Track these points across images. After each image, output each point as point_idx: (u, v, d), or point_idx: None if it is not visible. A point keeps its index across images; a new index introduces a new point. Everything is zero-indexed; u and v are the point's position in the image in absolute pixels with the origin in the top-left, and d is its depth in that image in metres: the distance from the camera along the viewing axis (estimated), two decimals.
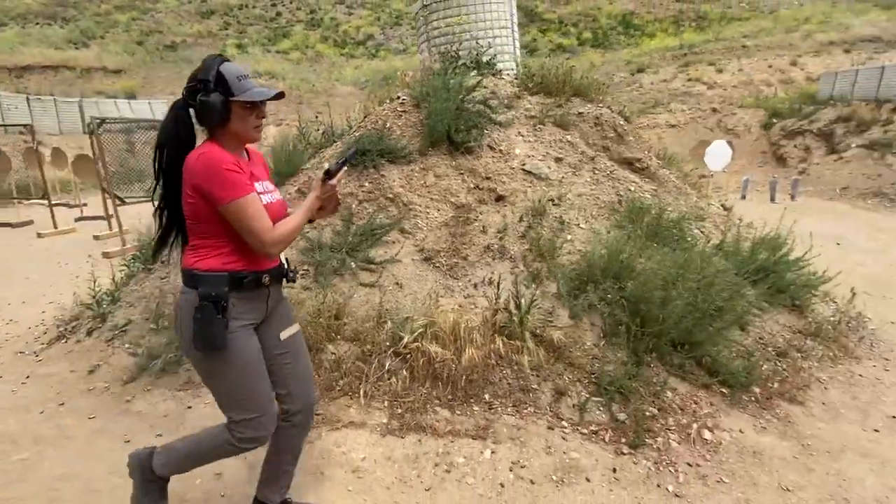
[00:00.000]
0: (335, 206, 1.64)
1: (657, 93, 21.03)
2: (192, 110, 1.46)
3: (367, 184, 3.84)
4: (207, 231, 1.48)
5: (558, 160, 3.91)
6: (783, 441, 2.27)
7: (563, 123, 4.21)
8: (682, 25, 34.79)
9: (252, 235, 1.44)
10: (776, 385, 2.62)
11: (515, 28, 5.87)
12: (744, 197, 11.70)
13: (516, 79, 4.93)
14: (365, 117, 4.58)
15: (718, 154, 9.39)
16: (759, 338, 2.94)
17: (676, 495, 1.97)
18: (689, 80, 21.38)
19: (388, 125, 4.19)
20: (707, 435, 2.27)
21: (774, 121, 15.98)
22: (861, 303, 4.02)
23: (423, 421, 2.40)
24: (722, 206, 4.63)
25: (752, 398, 2.52)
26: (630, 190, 3.72)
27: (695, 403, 2.44)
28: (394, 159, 3.94)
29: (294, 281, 1.69)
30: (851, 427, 2.40)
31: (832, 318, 3.31)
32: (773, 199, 11.16)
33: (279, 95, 1.47)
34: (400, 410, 2.46)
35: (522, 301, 2.70)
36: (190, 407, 2.67)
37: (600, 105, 4.41)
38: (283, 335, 1.65)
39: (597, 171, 3.85)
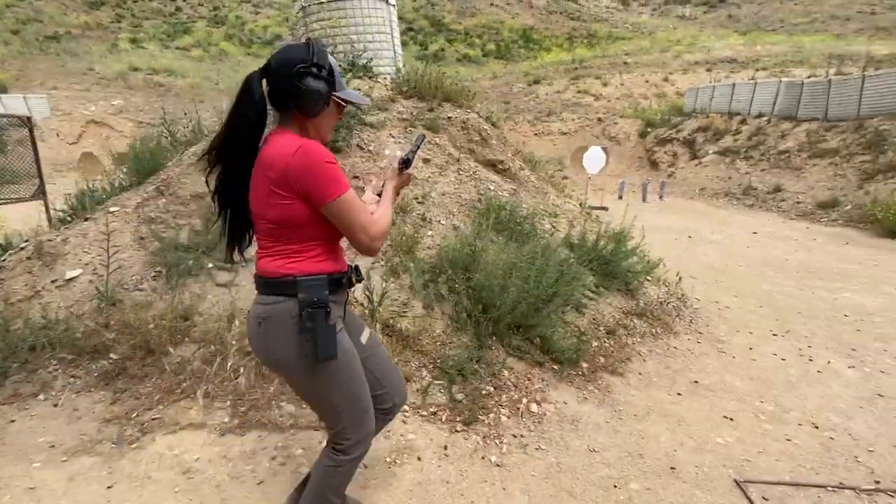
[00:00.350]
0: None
1: (551, 103, 22.46)
2: (271, 90, 1.29)
3: None
4: (296, 235, 1.32)
5: (426, 161, 4.07)
6: (599, 409, 2.57)
7: (433, 126, 4.39)
8: (574, 42, 37.52)
9: (359, 230, 1.31)
10: (602, 360, 2.95)
11: (396, 34, 5.99)
12: (620, 197, 12.87)
13: (392, 83, 5.05)
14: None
15: (595, 158, 10.26)
16: (593, 319, 3.28)
17: (498, 465, 2.15)
18: (579, 91, 23.11)
19: None
20: (534, 408, 2.50)
21: (649, 130, 17.80)
22: (691, 286, 4.63)
23: (267, 417, 2.38)
24: (579, 204, 5.08)
25: (580, 373, 2.81)
26: (490, 189, 3.97)
27: (528, 380, 2.68)
28: None
29: (361, 280, 1.55)
30: (659, 392, 2.77)
31: (659, 300, 3.79)
32: (644, 199, 12.41)
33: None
34: (243, 409, 2.42)
35: (374, 294, 2.78)
36: (13, 421, 2.41)
37: (469, 111, 4.65)
38: (363, 338, 1.59)
39: (461, 172, 4.06)
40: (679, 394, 2.76)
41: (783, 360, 3.27)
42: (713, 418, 2.53)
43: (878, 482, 2.08)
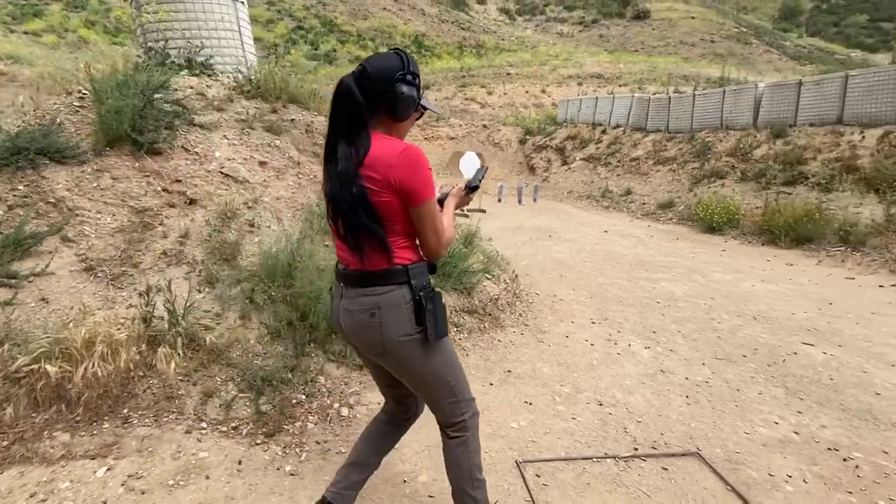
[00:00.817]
0: None
1: (440, 108, 23.03)
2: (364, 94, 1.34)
3: (21, 186, 3.26)
4: (393, 227, 1.40)
5: (263, 164, 3.92)
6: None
7: (274, 128, 4.24)
8: (464, 51, 38.87)
9: (436, 235, 1.42)
10: None
11: (246, 32, 5.72)
12: (499, 200, 13.59)
13: (234, 82, 4.80)
14: (35, 110, 3.90)
15: (470, 163, 10.71)
16: None
17: (292, 474, 2.12)
18: (467, 98, 23.98)
19: (59, 121, 3.64)
20: (345, 412, 2.51)
21: (527, 137, 18.99)
22: (537, 281, 5.00)
23: (35, 450, 2.11)
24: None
25: None
26: None
27: (345, 384, 2.68)
28: (62, 159, 3.44)
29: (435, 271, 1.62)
30: (472, 384, 2.93)
31: (494, 297, 4.03)
32: (520, 202, 13.21)
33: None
34: (6, 442, 2.12)
35: (177, 306, 2.61)
36: None
37: (316, 114, 4.58)
38: None
39: (301, 176, 3.98)
40: (491, 384, 2.95)
41: (592, 345, 3.65)
42: (514, 404, 2.74)
43: (636, 449, 2.39)
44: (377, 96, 1.36)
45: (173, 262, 3.08)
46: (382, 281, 1.41)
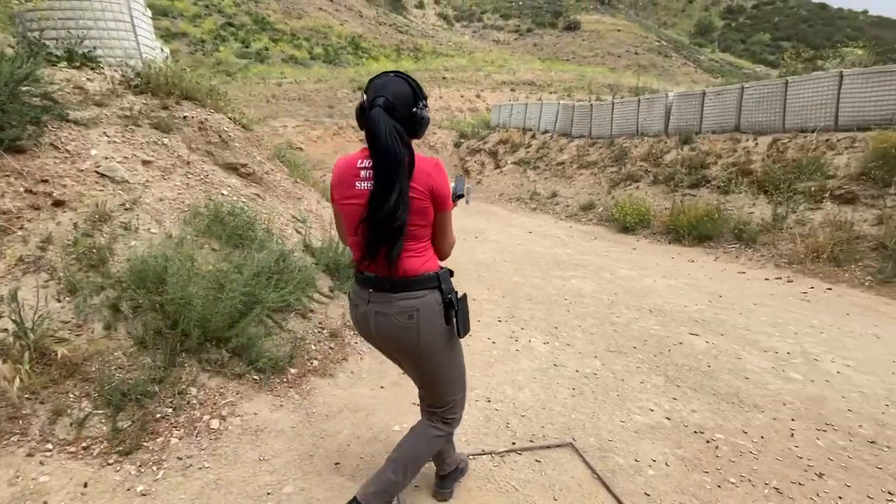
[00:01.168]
0: None
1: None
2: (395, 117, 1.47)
3: None
4: (425, 234, 1.57)
5: (147, 163, 3.67)
6: (292, 414, 2.55)
7: (163, 126, 3.98)
8: (402, 54, 38.82)
9: (450, 238, 1.66)
10: (315, 363, 2.97)
11: (142, 23, 5.35)
12: None
13: (122, 76, 4.47)
14: None
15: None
16: (319, 323, 3.30)
17: (143, 494, 1.96)
18: None
19: None
20: (215, 424, 2.37)
21: (462, 141, 19.24)
22: (453, 281, 4.99)
23: None
24: None
25: (285, 380, 2.78)
26: (223, 194, 3.75)
27: (220, 395, 2.54)
28: None
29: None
30: (363, 389, 2.88)
31: None
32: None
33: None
34: None
35: (27, 318, 2.35)
36: None
37: (212, 111, 4.35)
38: None
39: (190, 176, 3.76)
40: (382, 387, 2.91)
41: (493, 342, 3.71)
42: (403, 406, 2.71)
43: (513, 443, 2.43)
44: (403, 120, 1.50)
45: (31, 270, 2.79)
46: (419, 286, 1.56)
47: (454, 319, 1.61)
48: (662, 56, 46.26)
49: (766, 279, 6.13)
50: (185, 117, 4.13)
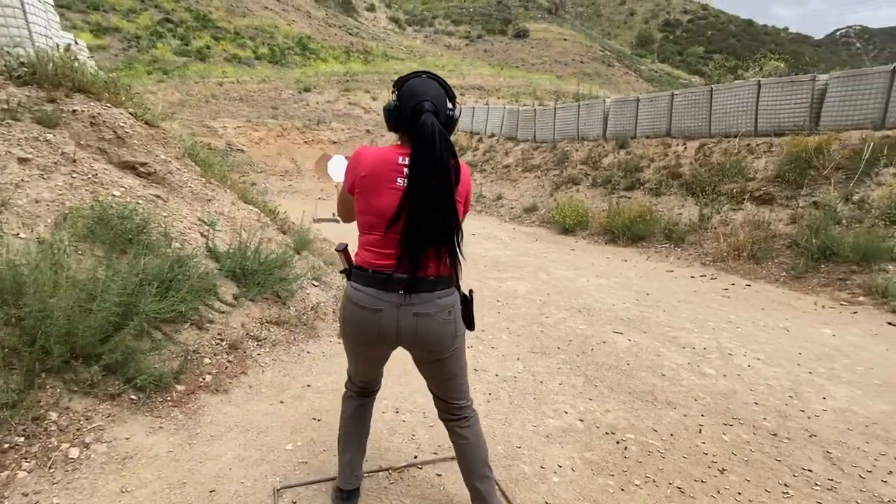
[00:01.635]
0: None
1: (322, 111, 22.30)
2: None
3: None
4: None
5: (23, 161, 3.28)
6: (172, 436, 2.30)
7: (47, 120, 3.59)
8: (351, 56, 38.28)
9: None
10: (209, 378, 2.71)
11: (35, 9, 4.86)
12: None
13: (6, 66, 4.01)
14: None
15: (338, 165, 10.36)
16: (218, 334, 3.04)
17: None
18: (350, 103, 23.55)
19: None
20: (74, 453, 2.08)
21: None
22: None
23: None
24: (263, 210, 4.86)
25: (169, 398, 2.51)
26: (115, 195, 3.41)
27: (86, 419, 2.25)
28: None
29: None
30: (259, 404, 2.65)
31: (315, 305, 3.78)
32: None
33: None
34: None
35: None
36: None
37: (109, 105, 3.98)
38: None
39: (76, 175, 3.40)
40: (281, 402, 2.69)
41: None
42: (300, 423, 2.50)
43: (415, 457, 2.28)
44: (442, 123, 1.48)
45: None
46: (450, 284, 1.59)
47: (471, 315, 1.67)
48: (606, 65, 48.08)
49: (692, 277, 6.33)
50: (74, 111, 3.75)
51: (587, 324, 4.37)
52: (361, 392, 1.89)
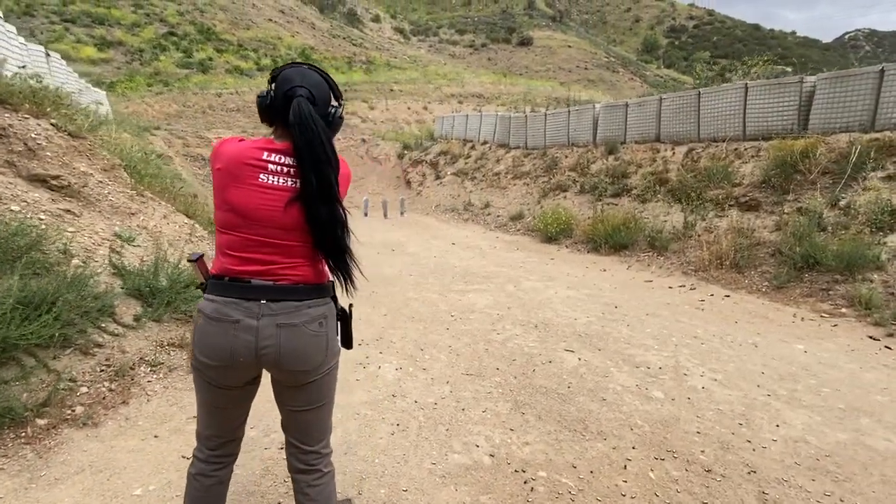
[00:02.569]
0: None
1: None
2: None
3: None
4: None
5: None
6: (10, 480, 2.04)
7: None
8: (353, 66, 38.49)
9: None
10: (79, 409, 2.47)
11: None
12: (365, 214, 13.21)
13: None
14: None
15: None
16: (106, 359, 2.80)
17: None
18: (348, 112, 23.51)
19: None
20: None
21: (405, 152, 18.95)
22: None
23: None
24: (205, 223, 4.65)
25: (23, 434, 2.27)
26: (13, 210, 3.21)
27: None
28: None
29: None
30: (128, 440, 2.39)
31: None
32: (386, 216, 12.93)
33: None
34: None
35: None
36: None
37: (26, 116, 3.80)
38: None
39: None
40: (156, 436, 2.43)
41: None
42: (164, 462, 2.24)
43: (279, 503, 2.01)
44: (323, 117, 1.36)
45: None
46: (323, 293, 1.42)
47: (349, 331, 1.49)
48: (611, 71, 47.76)
49: (670, 287, 5.99)
50: None
51: (539, 340, 4.06)
52: (216, 457, 1.48)
